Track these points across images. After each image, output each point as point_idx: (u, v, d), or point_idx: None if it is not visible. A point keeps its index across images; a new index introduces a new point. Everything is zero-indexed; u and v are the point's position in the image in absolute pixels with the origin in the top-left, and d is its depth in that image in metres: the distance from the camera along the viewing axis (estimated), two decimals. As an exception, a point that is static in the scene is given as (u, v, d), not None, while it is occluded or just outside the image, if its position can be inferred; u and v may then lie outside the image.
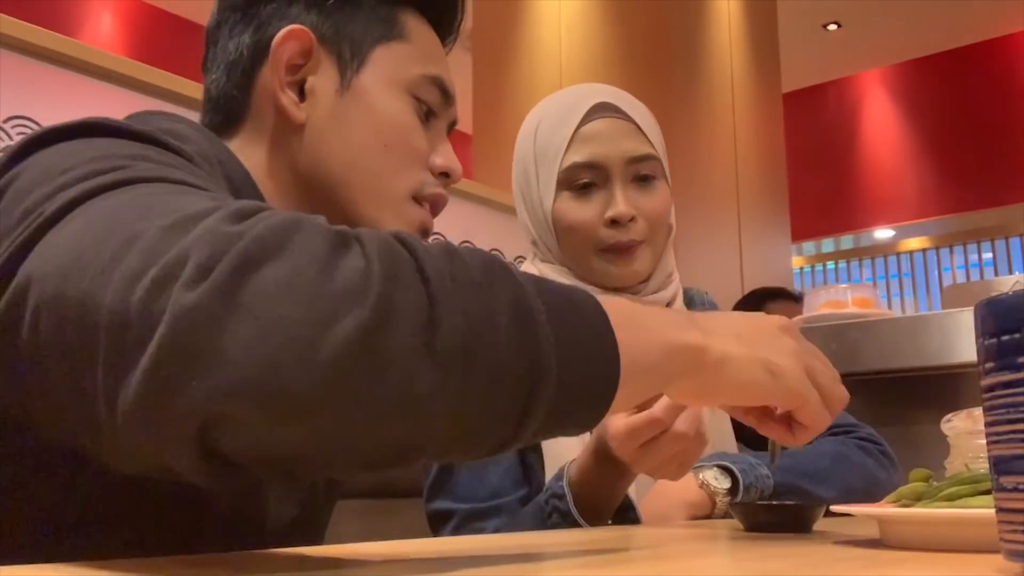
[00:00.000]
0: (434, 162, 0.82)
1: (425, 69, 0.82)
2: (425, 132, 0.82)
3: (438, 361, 0.44)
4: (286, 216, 0.46)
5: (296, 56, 0.78)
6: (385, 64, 0.80)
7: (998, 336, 0.40)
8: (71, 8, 5.45)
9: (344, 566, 0.51)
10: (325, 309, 0.42)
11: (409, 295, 0.44)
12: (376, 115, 0.79)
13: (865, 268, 7.07)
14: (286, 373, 0.41)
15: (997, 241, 6.49)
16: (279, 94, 0.77)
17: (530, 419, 0.48)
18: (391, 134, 0.79)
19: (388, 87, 0.80)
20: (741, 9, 4.22)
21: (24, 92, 1.30)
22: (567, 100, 1.20)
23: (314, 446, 0.44)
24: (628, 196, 1.14)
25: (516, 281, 0.49)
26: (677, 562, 0.59)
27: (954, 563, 0.50)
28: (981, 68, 6.36)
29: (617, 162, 1.14)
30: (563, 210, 1.15)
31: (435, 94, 0.82)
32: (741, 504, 0.90)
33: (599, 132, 1.15)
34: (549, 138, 1.17)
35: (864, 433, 1.18)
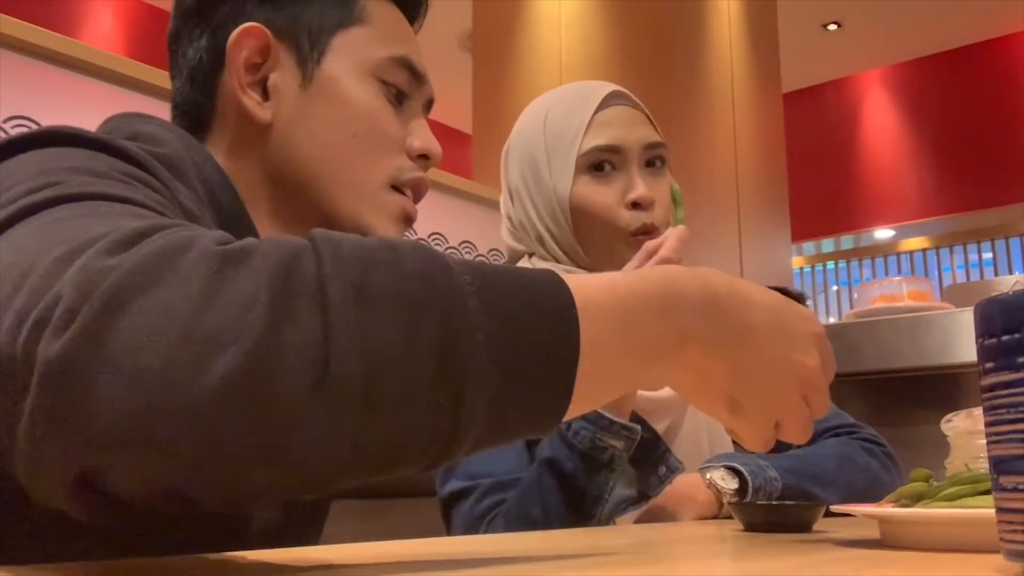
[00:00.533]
0: (411, 145, 0.80)
1: (389, 51, 0.79)
2: (398, 115, 0.79)
3: (331, 406, 0.40)
4: (172, 239, 0.43)
5: (254, 55, 0.75)
6: (346, 51, 0.78)
7: (998, 336, 0.40)
8: (71, 8, 5.45)
9: (338, 567, 0.51)
10: (196, 352, 0.39)
11: (299, 327, 0.40)
12: (341, 105, 0.76)
13: (865, 268, 7.07)
14: (157, 425, 0.38)
15: (997, 241, 6.49)
16: (240, 96, 0.75)
17: (458, 444, 0.44)
18: (359, 123, 0.77)
19: (352, 74, 0.77)
20: (741, 9, 4.22)
21: (24, 92, 1.30)
22: (579, 89, 1.21)
23: (203, 490, 0.42)
24: (645, 180, 1.15)
25: (455, 291, 0.44)
26: (677, 562, 0.59)
27: (954, 563, 0.50)
28: (981, 68, 6.35)
29: (635, 147, 1.15)
30: (583, 193, 1.15)
31: (403, 75, 0.80)
32: (741, 504, 0.90)
33: (616, 118, 1.16)
34: (564, 124, 1.17)
35: (867, 434, 1.17)
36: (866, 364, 1.83)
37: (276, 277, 0.41)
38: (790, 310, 0.59)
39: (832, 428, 1.17)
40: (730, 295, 0.56)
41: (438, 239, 2.03)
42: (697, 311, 0.55)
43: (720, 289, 0.56)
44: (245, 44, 0.75)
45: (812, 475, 1.05)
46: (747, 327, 0.56)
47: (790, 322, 0.58)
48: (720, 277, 0.57)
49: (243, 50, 0.75)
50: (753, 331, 0.56)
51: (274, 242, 0.44)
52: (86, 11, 5.58)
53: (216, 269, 0.41)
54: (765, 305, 0.58)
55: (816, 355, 0.59)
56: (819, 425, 1.17)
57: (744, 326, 0.56)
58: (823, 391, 0.59)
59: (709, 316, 0.55)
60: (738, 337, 0.56)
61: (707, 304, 0.55)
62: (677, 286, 0.55)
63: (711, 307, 0.55)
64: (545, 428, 0.49)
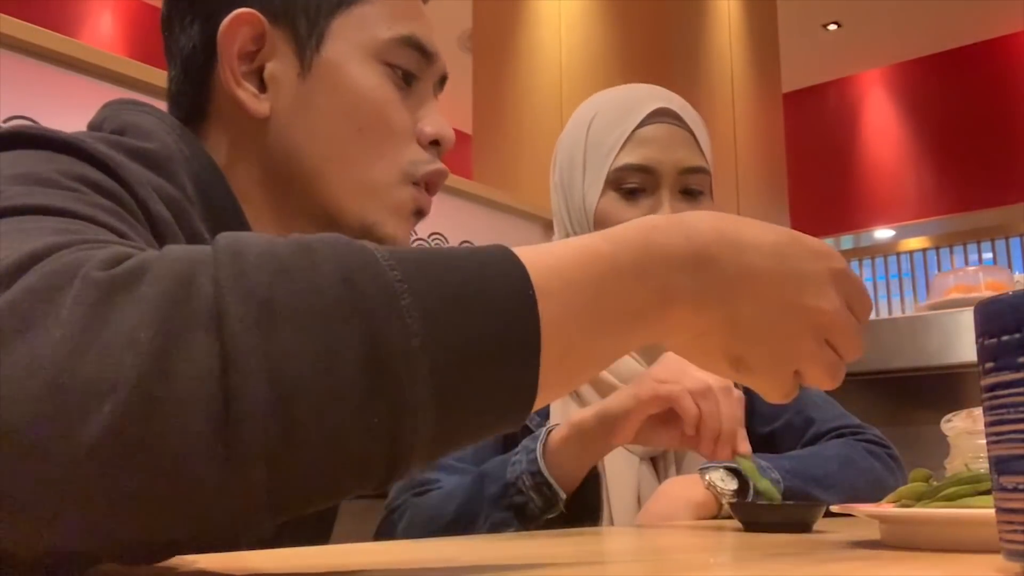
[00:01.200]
0: (422, 131, 0.74)
1: (394, 30, 0.73)
2: (405, 101, 0.74)
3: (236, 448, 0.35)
4: (59, 266, 0.38)
5: (248, 43, 0.70)
6: (347, 34, 0.72)
7: (998, 336, 0.40)
8: (71, 8, 5.45)
9: (336, 567, 0.51)
10: (69, 404, 0.34)
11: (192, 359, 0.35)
12: (343, 95, 0.71)
13: (865, 268, 7.07)
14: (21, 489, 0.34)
15: (997, 241, 6.49)
16: (234, 89, 0.70)
17: (405, 461, 0.40)
18: (364, 115, 0.71)
19: (354, 59, 0.72)
20: (741, 9, 4.22)
21: (24, 92, 1.30)
22: (627, 98, 1.17)
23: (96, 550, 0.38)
24: (675, 207, 1.11)
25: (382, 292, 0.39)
26: (677, 562, 0.59)
27: (954, 563, 0.50)
28: (981, 68, 6.35)
29: (670, 170, 1.11)
30: (609, 211, 1.13)
31: (411, 55, 0.74)
32: (741, 504, 0.90)
33: (656, 137, 1.13)
34: (604, 134, 1.15)
35: (871, 435, 1.16)
36: (866, 364, 1.83)
37: (166, 302, 0.36)
38: (798, 248, 0.53)
39: (835, 429, 1.16)
40: (720, 242, 0.51)
41: (438, 239, 2.03)
42: (680, 266, 0.50)
43: (708, 236, 0.51)
44: (237, 32, 0.70)
45: (814, 477, 1.04)
46: (743, 275, 0.51)
47: (798, 263, 0.53)
48: (708, 221, 0.52)
49: (235, 38, 0.70)
50: (751, 279, 0.51)
51: (172, 256, 0.39)
52: (86, 11, 5.58)
53: (98, 300, 0.36)
54: (766, 247, 0.52)
55: (833, 295, 0.53)
56: (823, 426, 1.16)
57: (739, 275, 0.51)
58: (848, 332, 0.54)
59: (696, 269, 0.50)
60: (732, 288, 0.51)
61: (692, 256, 0.50)
62: (654, 241, 0.50)
63: (697, 259, 0.50)
64: (513, 423, 0.44)
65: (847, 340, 0.54)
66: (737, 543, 0.71)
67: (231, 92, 0.70)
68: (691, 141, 1.14)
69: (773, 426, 1.19)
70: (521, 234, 2.25)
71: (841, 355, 0.55)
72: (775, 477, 1.00)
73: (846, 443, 1.14)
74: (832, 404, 1.22)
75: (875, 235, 6.90)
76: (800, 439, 1.17)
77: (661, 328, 0.51)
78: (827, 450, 1.12)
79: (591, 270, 0.48)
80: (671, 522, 0.97)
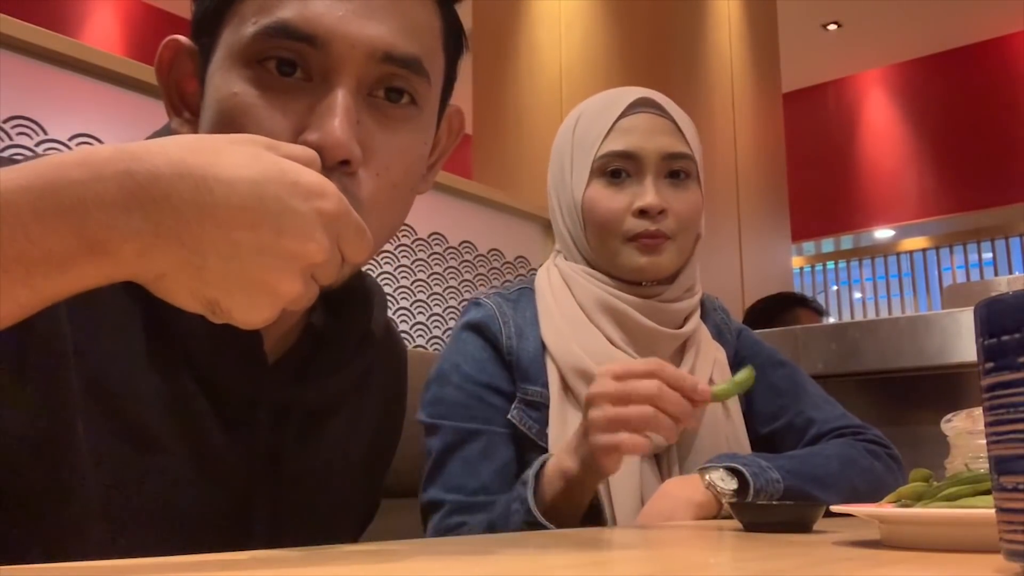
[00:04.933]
0: (305, 139, 0.62)
1: (260, 22, 0.63)
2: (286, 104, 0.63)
3: None
4: None
5: (185, 66, 0.69)
6: (228, 37, 0.66)
7: (998, 336, 0.40)
8: (71, 8, 5.45)
9: (337, 567, 0.51)
10: None
11: None
12: (211, 108, 0.65)
13: (865, 268, 7.07)
14: None
15: (997, 241, 6.49)
16: (170, 113, 0.70)
17: None
18: (219, 124, 0.64)
19: (221, 68, 0.65)
20: (741, 9, 4.22)
21: (24, 92, 1.30)
22: (609, 95, 1.20)
23: None
24: (660, 190, 1.13)
25: None
26: (677, 562, 0.59)
27: (954, 563, 0.50)
28: (981, 68, 6.36)
29: (652, 155, 1.14)
30: (594, 198, 1.15)
31: (284, 46, 0.63)
32: (741, 504, 0.90)
33: (637, 126, 1.15)
34: (588, 129, 1.17)
35: (872, 435, 1.17)
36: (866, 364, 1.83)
37: None
38: (282, 187, 0.48)
39: (836, 429, 1.17)
40: (177, 175, 0.46)
41: (438, 239, 2.03)
42: (115, 204, 0.45)
43: (162, 169, 0.46)
44: (173, 60, 0.70)
45: (814, 477, 1.04)
46: (205, 215, 0.46)
47: (279, 202, 0.48)
48: (170, 152, 0.47)
49: (171, 67, 0.69)
50: (215, 219, 0.46)
51: None
52: (86, 11, 5.58)
53: None
54: (241, 184, 0.47)
55: (321, 235, 0.49)
56: (824, 426, 1.17)
57: (200, 214, 0.46)
58: (332, 267, 0.51)
59: (142, 207, 0.45)
60: (190, 228, 0.46)
61: (136, 191, 0.45)
62: (76, 179, 0.45)
63: (144, 194, 0.45)
64: None
65: (329, 274, 0.51)
66: (737, 543, 0.71)
67: (169, 117, 0.70)
68: (674, 129, 1.16)
69: (773, 426, 1.19)
70: (521, 234, 2.25)
71: (322, 282, 0.52)
72: (775, 477, 1.00)
73: (847, 443, 1.14)
74: (833, 404, 1.22)
75: (875, 235, 6.90)
76: (801, 439, 1.17)
77: (93, 272, 0.46)
78: (827, 450, 1.12)
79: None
80: (671, 522, 0.97)
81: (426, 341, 1.94)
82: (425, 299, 1.95)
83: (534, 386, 1.11)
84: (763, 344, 1.28)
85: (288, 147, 0.52)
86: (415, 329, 1.91)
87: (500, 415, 1.10)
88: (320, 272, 0.51)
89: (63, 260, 0.45)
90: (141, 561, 0.51)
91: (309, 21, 0.63)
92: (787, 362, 1.26)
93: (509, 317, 1.16)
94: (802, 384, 1.23)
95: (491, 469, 1.06)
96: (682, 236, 1.15)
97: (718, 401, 1.01)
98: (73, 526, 0.61)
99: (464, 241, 2.09)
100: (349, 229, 0.51)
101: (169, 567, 0.48)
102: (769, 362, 1.23)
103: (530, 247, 2.27)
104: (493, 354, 1.13)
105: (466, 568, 0.51)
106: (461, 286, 2.05)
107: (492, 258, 2.15)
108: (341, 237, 0.51)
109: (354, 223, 0.52)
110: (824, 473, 1.06)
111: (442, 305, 1.99)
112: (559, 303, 1.16)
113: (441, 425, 1.08)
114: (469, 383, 1.10)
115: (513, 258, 2.20)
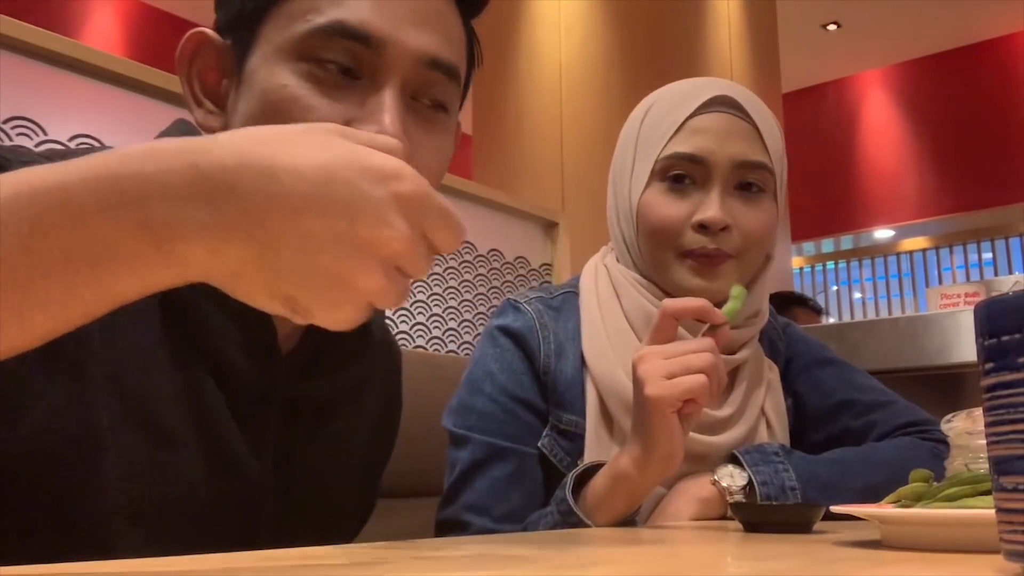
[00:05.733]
0: None
1: (314, 21, 0.65)
2: (340, 100, 0.65)
3: None
4: None
5: (210, 59, 0.70)
6: (272, 36, 0.66)
7: (998, 336, 0.40)
8: (71, 8, 5.45)
9: (336, 567, 0.51)
10: None
11: None
12: (251, 100, 0.66)
13: (865, 268, 7.07)
14: None
15: (997, 241, 6.50)
16: (191, 106, 0.69)
17: None
18: (266, 117, 0.64)
19: (268, 61, 0.66)
20: (741, 9, 4.22)
21: (24, 93, 1.30)
22: (684, 88, 1.07)
23: None
24: (726, 203, 1.01)
25: None
26: (677, 562, 0.59)
27: (954, 563, 0.50)
28: (981, 68, 6.36)
29: (723, 162, 1.00)
30: (650, 203, 1.03)
31: (339, 45, 0.65)
32: (742, 504, 0.90)
33: (711, 127, 1.01)
34: (656, 124, 1.05)
35: (940, 433, 1.03)
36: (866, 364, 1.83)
37: None
38: (353, 173, 0.45)
39: (901, 427, 1.08)
40: (243, 165, 0.44)
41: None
42: (183, 196, 0.43)
43: (226, 160, 0.44)
44: (196, 51, 0.70)
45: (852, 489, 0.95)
46: (273, 206, 0.43)
47: (351, 188, 0.44)
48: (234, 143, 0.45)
49: (194, 58, 0.70)
50: (281, 206, 0.43)
51: None
52: (86, 12, 5.58)
53: None
54: (309, 172, 0.44)
55: (399, 221, 0.45)
56: (886, 426, 1.08)
57: (269, 205, 0.43)
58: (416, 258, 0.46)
59: (208, 200, 0.43)
60: (260, 221, 0.43)
61: (201, 184, 0.43)
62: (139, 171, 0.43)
63: (206, 185, 0.43)
64: None
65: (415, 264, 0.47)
66: (737, 543, 0.71)
67: (190, 110, 0.70)
68: (752, 134, 1.02)
69: (829, 431, 1.11)
70: (521, 234, 2.25)
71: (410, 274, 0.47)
72: (791, 484, 0.95)
73: (910, 444, 1.05)
74: (894, 399, 1.13)
75: (875, 235, 6.90)
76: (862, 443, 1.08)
77: (164, 271, 0.44)
78: (881, 454, 1.03)
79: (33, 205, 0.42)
80: (673, 520, 0.96)
81: (426, 341, 1.94)
82: (425, 300, 1.95)
83: (569, 414, 1.02)
84: (809, 340, 1.18)
85: (366, 135, 0.49)
86: (415, 329, 1.91)
87: (532, 435, 1.02)
88: (406, 263, 0.46)
89: (130, 257, 0.43)
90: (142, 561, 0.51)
91: (366, 23, 0.65)
92: (836, 359, 1.17)
93: (550, 330, 1.06)
94: (855, 382, 1.13)
95: (520, 495, 0.98)
96: (747, 257, 1.02)
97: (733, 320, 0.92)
98: (94, 520, 0.61)
99: (464, 241, 2.09)
100: (432, 213, 0.47)
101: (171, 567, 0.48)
102: (816, 361, 1.15)
103: (530, 247, 2.27)
104: (529, 367, 1.04)
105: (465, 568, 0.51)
106: (461, 286, 2.05)
107: (492, 258, 2.15)
108: (425, 223, 0.46)
109: (437, 206, 0.47)
110: (863, 485, 0.96)
111: (442, 306, 1.99)
112: (605, 316, 1.06)
113: (471, 438, 1.00)
114: (503, 395, 1.02)
115: (513, 258, 2.20)
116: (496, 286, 2.13)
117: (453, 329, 1.99)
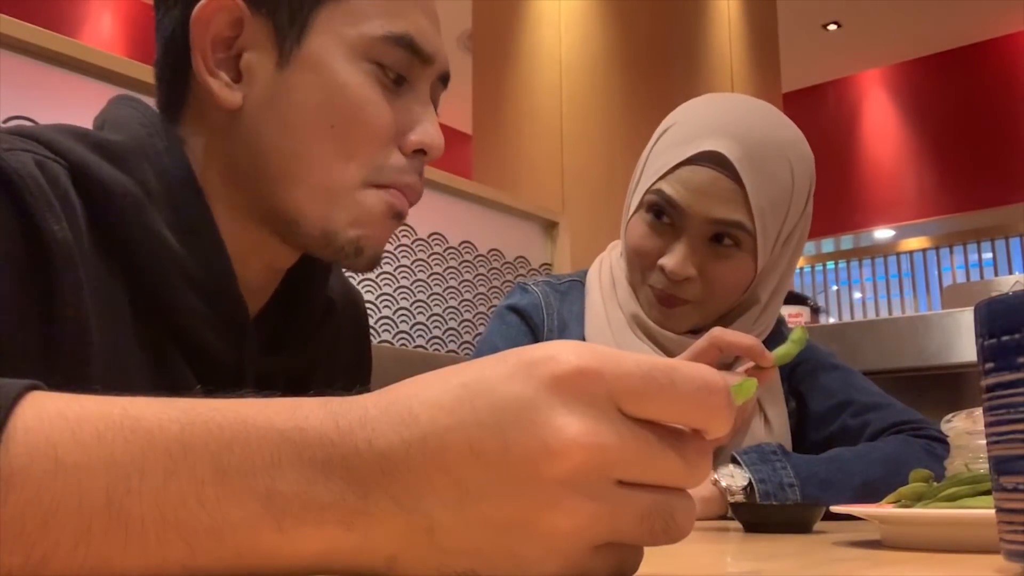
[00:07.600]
0: (408, 139, 0.69)
1: (385, 27, 0.68)
2: (393, 103, 0.69)
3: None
4: None
5: (224, 29, 0.67)
6: (334, 27, 0.67)
7: (998, 336, 0.40)
8: (71, 8, 5.45)
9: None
10: None
11: None
12: (320, 90, 0.66)
13: (865, 268, 7.07)
14: None
15: (997, 241, 6.50)
16: (206, 76, 0.66)
17: None
18: (339, 112, 0.66)
19: (338, 54, 0.67)
20: (741, 9, 4.22)
21: (24, 92, 1.30)
22: (698, 123, 1.07)
23: None
24: (698, 252, 1.05)
25: None
26: (676, 562, 0.58)
27: (954, 563, 0.50)
28: (981, 68, 6.36)
29: (697, 216, 1.03)
30: (633, 229, 1.10)
31: (402, 55, 0.69)
32: (742, 505, 0.90)
33: (694, 179, 1.03)
34: (660, 153, 1.09)
35: (933, 431, 1.08)
36: (866, 364, 1.83)
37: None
38: (523, 450, 0.33)
39: (894, 425, 1.11)
40: (379, 411, 0.35)
41: (438, 239, 2.03)
42: (319, 467, 0.34)
43: (368, 410, 0.35)
44: (212, 17, 0.66)
45: (852, 487, 0.98)
46: (409, 449, 0.33)
47: (524, 467, 0.33)
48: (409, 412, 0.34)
49: (209, 23, 0.66)
50: (421, 451, 0.33)
51: None
52: (86, 11, 5.58)
53: None
54: (445, 393, 0.35)
55: (567, 505, 0.33)
56: (880, 423, 1.11)
57: (404, 450, 0.33)
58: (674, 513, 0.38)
59: (332, 467, 0.34)
60: (392, 474, 0.33)
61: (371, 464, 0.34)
62: (275, 427, 0.35)
63: (333, 450, 0.34)
64: None
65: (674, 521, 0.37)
66: (737, 543, 0.71)
67: (203, 80, 0.67)
68: (735, 194, 1.02)
69: (828, 431, 1.14)
70: (521, 234, 2.25)
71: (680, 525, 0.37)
72: (789, 481, 0.97)
73: (903, 441, 1.08)
74: (891, 401, 1.16)
75: (875, 235, 6.90)
76: (858, 443, 1.11)
77: (275, 552, 0.34)
78: (876, 451, 1.05)
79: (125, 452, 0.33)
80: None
81: (426, 341, 1.94)
82: (425, 299, 1.95)
83: None
84: (817, 348, 1.21)
85: None
86: (415, 329, 1.91)
87: None
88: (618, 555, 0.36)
89: (245, 534, 0.33)
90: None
91: (426, 40, 0.70)
92: (841, 365, 1.21)
93: (554, 308, 1.13)
94: (856, 385, 1.17)
95: None
96: (709, 304, 1.07)
97: (781, 364, 0.94)
98: None
99: (464, 241, 2.09)
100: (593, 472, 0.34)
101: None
102: (822, 366, 1.18)
103: (530, 247, 2.27)
104: (533, 339, 1.11)
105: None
106: (461, 286, 2.05)
107: (492, 258, 2.15)
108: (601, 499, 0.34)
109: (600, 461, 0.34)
110: (863, 482, 0.99)
111: (442, 305, 1.99)
112: (607, 304, 1.13)
113: None
114: None
115: (513, 258, 2.20)
116: (496, 286, 2.13)
117: (453, 329, 1.99)
